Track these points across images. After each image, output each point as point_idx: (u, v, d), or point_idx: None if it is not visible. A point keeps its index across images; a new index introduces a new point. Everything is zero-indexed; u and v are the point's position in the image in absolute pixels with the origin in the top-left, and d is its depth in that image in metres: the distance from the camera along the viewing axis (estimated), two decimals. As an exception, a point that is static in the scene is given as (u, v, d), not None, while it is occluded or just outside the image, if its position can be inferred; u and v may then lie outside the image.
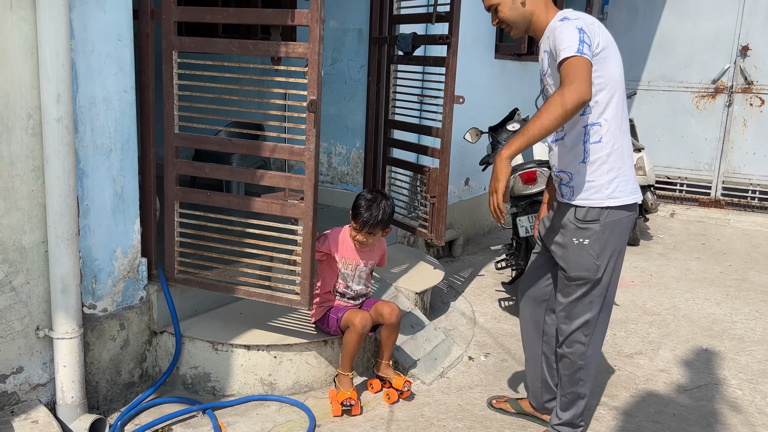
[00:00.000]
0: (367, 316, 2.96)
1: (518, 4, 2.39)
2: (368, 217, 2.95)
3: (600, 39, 2.27)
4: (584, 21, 2.25)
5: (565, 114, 2.12)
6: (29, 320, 2.54)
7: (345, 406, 2.92)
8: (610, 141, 2.36)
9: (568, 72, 2.13)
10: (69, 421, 2.59)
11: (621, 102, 2.38)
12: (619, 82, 2.35)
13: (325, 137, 5.05)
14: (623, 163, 2.40)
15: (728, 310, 4.48)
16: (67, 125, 2.45)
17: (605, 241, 2.43)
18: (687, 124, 7.54)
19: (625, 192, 2.40)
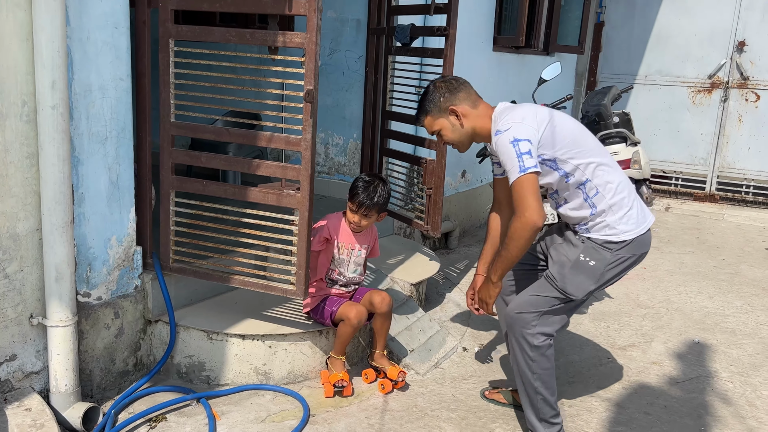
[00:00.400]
0: (363, 310, 2.97)
1: (457, 126, 2.58)
2: (365, 199, 2.98)
3: (538, 122, 2.41)
4: (515, 128, 2.37)
5: (527, 242, 2.38)
6: (23, 308, 2.53)
7: (337, 387, 2.94)
8: (608, 186, 2.50)
9: (517, 197, 2.36)
10: (62, 409, 2.59)
11: (594, 147, 2.50)
12: (579, 135, 2.48)
13: (323, 128, 5.03)
14: (629, 198, 2.52)
15: (721, 303, 4.51)
16: (62, 112, 2.44)
17: (607, 270, 2.53)
18: (683, 119, 7.56)
19: (638, 222, 2.53)
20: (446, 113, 2.58)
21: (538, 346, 2.54)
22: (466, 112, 2.56)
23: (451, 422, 2.86)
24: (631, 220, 2.53)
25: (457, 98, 2.56)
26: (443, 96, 2.56)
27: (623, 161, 5.93)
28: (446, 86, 2.58)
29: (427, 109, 2.61)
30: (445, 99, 2.57)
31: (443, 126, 2.60)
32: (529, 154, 2.33)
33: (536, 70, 4.81)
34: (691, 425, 2.93)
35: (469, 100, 2.57)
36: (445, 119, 2.59)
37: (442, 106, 2.57)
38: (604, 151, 2.55)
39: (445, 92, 2.56)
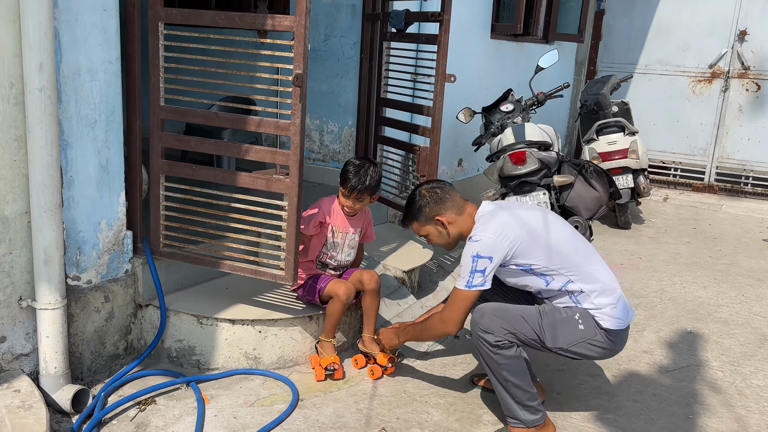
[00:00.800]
0: (351, 287, 3.00)
1: (444, 233, 2.70)
2: (357, 183, 2.99)
3: (512, 238, 2.48)
4: (483, 244, 2.47)
5: (436, 338, 2.80)
6: (12, 290, 2.54)
7: (328, 370, 2.95)
8: (588, 288, 2.52)
9: (450, 303, 2.59)
10: (52, 392, 2.61)
11: (581, 261, 2.53)
12: (555, 248, 2.51)
13: (317, 115, 5.03)
14: (614, 297, 2.55)
15: (715, 293, 4.50)
16: (50, 95, 2.43)
17: (586, 342, 2.53)
18: (682, 109, 7.52)
19: (617, 319, 2.54)
20: (432, 222, 2.68)
21: (499, 345, 2.52)
22: (452, 220, 2.67)
23: (440, 408, 2.87)
24: (616, 313, 2.55)
25: (443, 207, 2.66)
26: (428, 206, 2.67)
27: (620, 151, 5.92)
28: (431, 196, 2.67)
29: (413, 216, 2.72)
30: (431, 209, 2.67)
31: (430, 232, 2.72)
32: (482, 273, 2.47)
33: (535, 58, 4.79)
34: (679, 413, 2.94)
35: (454, 208, 2.67)
36: (432, 227, 2.70)
37: (428, 215, 2.68)
38: (593, 258, 2.58)
39: (431, 202, 2.66)
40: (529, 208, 2.70)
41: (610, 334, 2.54)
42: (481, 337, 2.52)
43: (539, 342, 2.51)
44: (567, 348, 2.51)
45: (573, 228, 2.65)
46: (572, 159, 4.10)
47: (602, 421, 2.83)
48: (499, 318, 2.50)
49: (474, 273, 2.48)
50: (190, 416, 2.66)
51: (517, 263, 2.52)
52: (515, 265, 2.53)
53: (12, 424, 2.21)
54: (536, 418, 2.56)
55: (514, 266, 2.53)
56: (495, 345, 2.49)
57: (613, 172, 5.88)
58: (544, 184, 3.91)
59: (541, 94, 4.66)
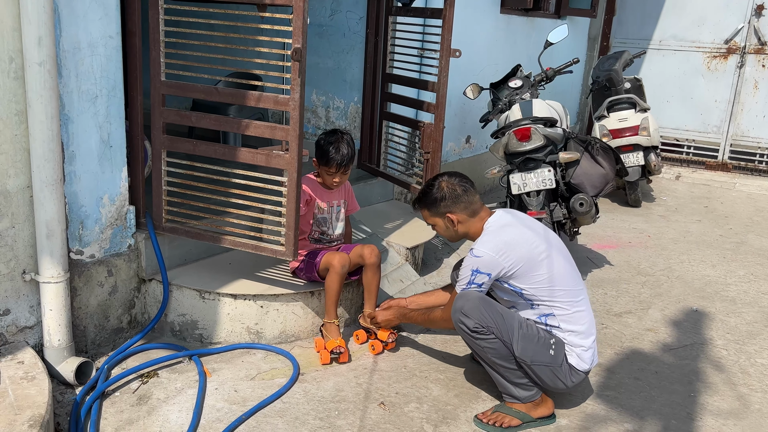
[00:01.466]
0: (345, 256, 3.04)
1: (451, 229, 2.71)
2: (339, 157, 3.08)
3: (515, 259, 2.52)
4: (484, 261, 2.52)
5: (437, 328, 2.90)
6: (15, 264, 2.57)
7: (334, 354, 2.96)
8: (565, 327, 2.56)
9: (450, 303, 2.62)
10: (56, 363, 2.65)
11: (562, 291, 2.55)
12: (550, 281, 2.54)
13: (323, 91, 5.00)
14: (587, 340, 2.59)
15: (723, 272, 4.46)
16: (50, 69, 2.44)
17: (553, 368, 2.54)
18: (697, 85, 7.39)
19: (583, 362, 2.59)
20: (443, 216, 2.69)
21: (477, 331, 2.51)
22: (463, 220, 2.67)
23: (439, 383, 2.88)
24: (585, 356, 2.59)
25: (458, 207, 2.66)
26: (444, 201, 2.67)
27: (631, 128, 5.84)
28: (450, 192, 2.66)
29: (426, 205, 2.72)
30: (445, 205, 2.67)
31: (437, 223, 2.74)
32: (479, 285, 2.55)
33: (546, 34, 4.71)
34: (681, 391, 2.93)
35: (469, 209, 2.67)
36: (441, 220, 2.72)
37: (440, 210, 2.68)
38: (581, 300, 2.59)
39: (447, 198, 2.66)
40: (539, 227, 2.68)
41: (573, 370, 2.57)
42: (460, 320, 2.53)
43: (509, 345, 2.51)
44: (530, 363, 2.51)
45: (572, 263, 2.67)
46: (578, 135, 4.05)
47: (602, 398, 2.83)
48: (481, 308, 2.51)
49: (471, 284, 2.56)
50: (192, 389, 2.70)
51: (510, 284, 2.56)
52: (508, 285, 2.57)
53: (15, 394, 2.25)
54: (531, 394, 2.56)
55: (506, 285, 2.58)
56: (474, 330, 2.51)
57: (623, 149, 5.82)
58: (549, 160, 3.87)
59: (550, 69, 4.59)
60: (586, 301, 2.63)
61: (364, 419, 2.57)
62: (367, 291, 3.16)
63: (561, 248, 2.65)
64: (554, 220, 3.93)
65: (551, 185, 3.82)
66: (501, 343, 2.50)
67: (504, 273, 2.53)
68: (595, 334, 2.62)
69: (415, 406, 2.69)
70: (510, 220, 2.64)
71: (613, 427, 2.62)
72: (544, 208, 3.88)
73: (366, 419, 2.57)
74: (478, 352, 2.57)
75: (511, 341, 2.49)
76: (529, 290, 2.54)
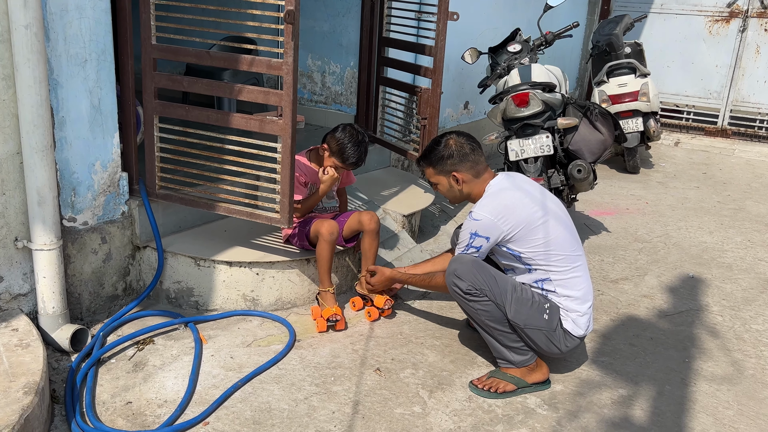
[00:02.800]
0: (334, 223, 3.01)
1: (455, 189, 2.67)
2: (357, 159, 3.09)
3: (513, 222, 2.50)
4: (483, 224, 2.50)
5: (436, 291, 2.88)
6: (7, 231, 2.54)
7: (330, 321, 2.96)
8: (562, 292, 2.56)
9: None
10: (51, 331, 2.64)
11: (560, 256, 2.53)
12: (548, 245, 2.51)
13: (319, 55, 4.92)
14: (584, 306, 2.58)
15: (720, 238, 4.46)
16: (36, 32, 2.38)
17: (549, 333, 2.53)
18: (698, 50, 7.30)
19: (578, 327, 2.58)
20: (448, 175, 2.65)
21: (470, 293, 2.51)
22: (467, 180, 2.64)
23: (435, 349, 2.89)
24: (580, 322, 2.58)
25: (464, 165, 2.62)
26: (451, 159, 2.62)
27: (631, 93, 5.78)
28: (458, 149, 2.62)
29: (432, 162, 2.68)
30: (452, 163, 2.63)
31: (441, 182, 2.70)
32: (477, 249, 2.54)
33: (544, -4, 4.62)
34: (675, 357, 2.94)
35: (474, 169, 2.63)
36: (445, 178, 2.67)
37: (446, 168, 2.64)
38: (579, 265, 2.58)
39: (455, 155, 2.62)
40: (538, 192, 2.64)
41: (567, 335, 2.57)
42: (454, 282, 2.53)
43: (502, 308, 2.50)
44: (523, 327, 2.51)
45: (572, 229, 2.64)
46: (577, 101, 4.00)
47: (597, 364, 2.84)
48: (474, 270, 2.50)
49: (470, 247, 2.55)
50: (188, 356, 2.70)
51: (509, 248, 2.54)
52: (506, 248, 2.55)
53: (9, 361, 2.25)
54: (525, 358, 2.57)
55: (505, 249, 2.55)
56: (467, 293, 2.50)
57: (622, 115, 5.76)
58: (547, 126, 3.82)
59: (550, 33, 4.52)
60: (584, 268, 2.62)
61: (360, 385, 2.58)
62: (365, 257, 3.15)
63: (560, 213, 2.63)
64: (552, 186, 3.91)
65: (549, 151, 3.79)
66: (494, 306, 2.50)
67: (503, 237, 2.51)
68: (591, 300, 2.61)
69: (411, 372, 2.70)
70: (509, 184, 2.62)
71: (607, 392, 2.64)
72: (542, 175, 3.85)
73: (362, 385, 2.58)
74: (472, 315, 2.57)
75: (504, 304, 2.49)
76: (527, 254, 2.52)
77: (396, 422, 2.37)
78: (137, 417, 2.31)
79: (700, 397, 2.63)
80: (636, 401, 2.58)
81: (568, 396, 2.60)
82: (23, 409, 2.00)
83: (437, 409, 2.47)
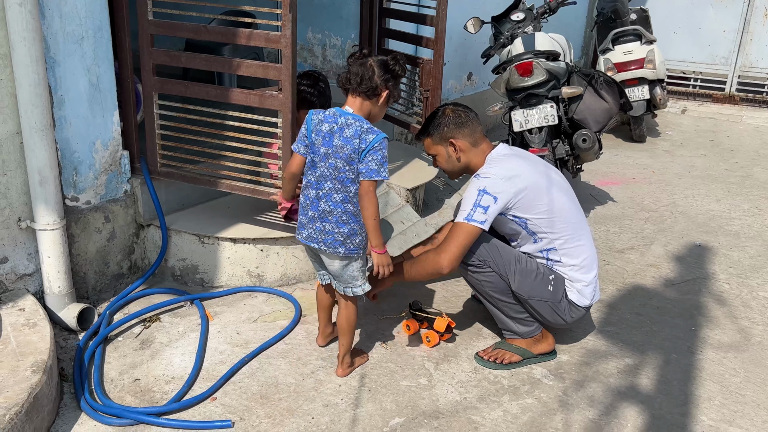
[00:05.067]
0: None
1: (453, 158, 2.60)
2: (317, 99, 3.02)
3: (519, 186, 2.43)
4: (491, 182, 2.42)
5: (427, 275, 2.50)
6: (10, 211, 2.54)
7: None
8: (566, 261, 2.54)
9: (448, 238, 2.44)
10: (57, 310, 2.66)
11: (572, 230, 2.52)
12: (552, 212, 2.48)
13: (319, 28, 4.86)
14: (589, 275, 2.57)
15: (727, 206, 4.42)
16: (31, 10, 2.35)
17: (554, 305, 2.53)
18: (705, 15, 7.17)
19: (584, 297, 2.57)
20: (446, 143, 2.60)
21: (473, 264, 2.50)
22: (465, 148, 2.58)
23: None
24: (586, 292, 2.57)
25: (461, 133, 2.57)
26: (448, 126, 2.58)
27: (636, 60, 5.70)
28: (454, 117, 2.58)
29: (429, 132, 2.63)
30: (449, 130, 2.58)
31: (439, 153, 2.64)
32: (485, 210, 2.39)
33: (546, -38, 4.52)
34: (682, 325, 2.93)
35: (472, 137, 2.58)
36: (443, 148, 2.61)
37: (444, 135, 2.59)
38: (582, 234, 2.56)
39: (452, 123, 2.57)
40: (541, 163, 2.62)
41: (572, 306, 2.55)
42: None
43: (506, 279, 2.49)
44: (527, 298, 2.50)
45: (575, 200, 2.61)
46: (582, 69, 3.94)
47: (603, 333, 2.84)
48: (477, 241, 2.47)
49: (477, 207, 2.40)
50: (194, 332, 2.71)
51: (515, 215, 2.49)
52: (512, 216, 2.50)
53: (17, 341, 2.26)
54: (531, 329, 2.57)
55: (510, 217, 2.50)
56: (470, 264, 2.49)
57: (628, 83, 5.69)
58: (552, 96, 3.77)
59: (554, 1, 4.43)
60: (588, 236, 2.60)
61: (366, 359, 2.59)
62: None
63: (563, 185, 2.60)
64: (557, 157, 3.87)
65: (554, 121, 3.74)
66: (498, 277, 2.49)
67: (510, 202, 2.44)
68: (596, 269, 2.60)
69: (417, 344, 2.70)
70: (510, 152, 2.60)
71: (613, 362, 2.64)
72: (547, 145, 3.81)
73: (369, 358, 2.59)
74: (476, 286, 2.56)
75: (507, 275, 2.48)
76: (532, 220, 2.48)
77: (402, 394, 2.38)
78: (145, 393, 2.33)
79: (706, 365, 2.63)
80: (642, 370, 2.58)
81: (574, 366, 2.61)
82: (32, 388, 2.02)
83: (443, 380, 2.47)
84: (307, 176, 2.33)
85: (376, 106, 2.30)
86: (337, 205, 2.26)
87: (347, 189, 2.25)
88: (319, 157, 2.25)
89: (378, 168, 2.20)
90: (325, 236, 2.28)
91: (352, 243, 2.30)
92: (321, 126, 2.26)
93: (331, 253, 2.30)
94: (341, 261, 2.32)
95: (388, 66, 2.27)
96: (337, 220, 2.26)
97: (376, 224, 2.24)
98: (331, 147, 2.23)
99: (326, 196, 2.26)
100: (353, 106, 2.28)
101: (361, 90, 2.24)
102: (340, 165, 2.22)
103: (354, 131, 2.20)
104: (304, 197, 2.33)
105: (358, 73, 2.24)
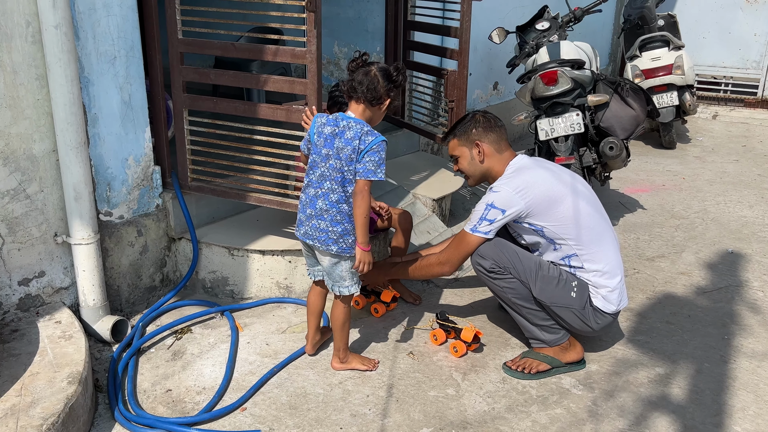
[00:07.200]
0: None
1: (476, 161, 2.64)
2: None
3: (532, 197, 2.47)
4: (501, 196, 2.48)
5: (431, 276, 2.72)
6: (46, 227, 2.62)
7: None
8: (589, 267, 2.53)
9: (452, 245, 2.61)
10: (92, 322, 2.72)
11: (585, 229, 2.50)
12: (572, 219, 2.48)
13: (345, 42, 4.92)
14: (613, 281, 2.55)
15: (761, 212, 4.34)
16: (66, 32, 2.43)
17: (577, 311, 2.52)
18: (735, 19, 7.07)
19: (610, 303, 2.55)
20: (471, 144, 2.64)
21: (494, 271, 2.51)
22: (489, 153, 2.62)
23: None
24: (611, 297, 2.54)
25: (488, 137, 2.62)
26: (476, 128, 2.63)
27: (665, 67, 5.64)
28: (484, 121, 2.64)
29: (456, 133, 2.69)
30: (477, 132, 2.63)
31: (463, 154, 2.68)
32: (490, 222, 2.48)
33: (571, -29, 4.53)
34: (714, 334, 2.88)
35: (497, 143, 2.63)
36: (468, 149, 2.66)
37: (470, 137, 2.64)
38: (606, 239, 2.55)
39: (480, 127, 2.63)
40: (566, 173, 2.63)
41: (597, 313, 2.53)
42: (477, 262, 2.53)
43: (527, 285, 2.50)
44: (549, 305, 2.50)
45: (599, 204, 2.62)
46: (608, 77, 3.92)
47: (633, 342, 2.81)
48: (497, 249, 2.50)
49: (483, 220, 2.50)
50: (225, 343, 2.76)
51: (530, 222, 2.51)
52: (528, 224, 2.52)
53: (53, 353, 2.33)
54: (557, 337, 2.56)
55: (527, 224, 2.53)
56: (490, 271, 2.50)
57: (657, 89, 5.63)
58: (577, 104, 3.76)
59: (579, 9, 4.43)
60: (612, 243, 2.58)
61: (394, 368, 2.60)
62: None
63: (585, 191, 2.59)
64: (584, 165, 3.85)
65: (580, 129, 3.73)
66: (519, 283, 2.49)
67: (521, 213, 2.48)
68: (621, 274, 2.58)
69: (444, 354, 2.71)
70: (530, 163, 2.61)
71: (644, 371, 2.61)
72: (573, 154, 3.79)
73: (396, 368, 2.60)
74: (498, 293, 2.57)
75: (528, 281, 2.49)
76: (549, 227, 2.49)
77: (430, 405, 2.38)
78: (177, 404, 2.37)
79: (740, 375, 2.58)
80: (674, 380, 2.55)
81: (603, 375, 2.58)
82: (68, 398, 2.08)
83: (471, 391, 2.47)
84: (308, 176, 2.42)
85: (377, 112, 2.38)
86: (333, 205, 2.34)
87: (344, 189, 2.34)
88: (321, 157, 2.35)
89: (375, 169, 2.28)
90: (319, 233, 2.38)
91: (345, 242, 2.38)
92: (324, 128, 2.35)
93: (324, 250, 2.40)
94: (332, 258, 2.41)
95: (391, 76, 2.34)
96: (332, 219, 2.35)
97: (365, 222, 2.34)
98: (332, 148, 2.32)
99: (324, 195, 2.36)
100: (356, 111, 2.36)
101: (366, 98, 2.31)
102: (339, 166, 2.31)
103: (355, 133, 2.29)
104: (305, 196, 2.44)
105: (363, 82, 2.31)
